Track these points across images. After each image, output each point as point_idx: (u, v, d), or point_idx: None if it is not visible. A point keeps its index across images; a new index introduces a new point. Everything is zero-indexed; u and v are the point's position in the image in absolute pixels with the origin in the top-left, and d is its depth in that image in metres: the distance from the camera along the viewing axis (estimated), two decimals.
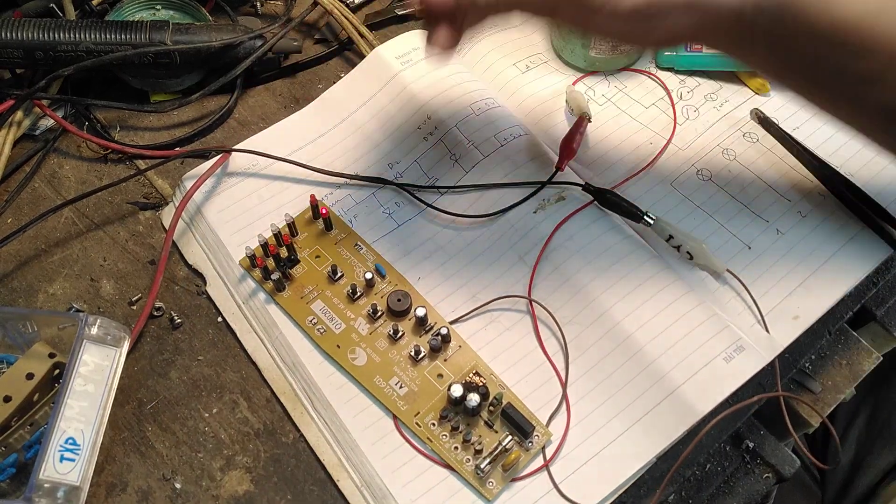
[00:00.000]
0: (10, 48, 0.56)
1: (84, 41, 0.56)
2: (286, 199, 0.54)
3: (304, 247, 0.52)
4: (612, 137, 0.58)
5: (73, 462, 0.42)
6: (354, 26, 0.62)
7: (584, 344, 0.48)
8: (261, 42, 0.60)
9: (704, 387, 0.46)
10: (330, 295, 0.50)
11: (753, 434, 0.51)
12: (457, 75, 0.58)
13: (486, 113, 0.56)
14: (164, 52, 0.57)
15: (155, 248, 0.54)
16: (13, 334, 0.47)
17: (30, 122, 0.59)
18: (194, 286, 0.52)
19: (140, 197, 0.57)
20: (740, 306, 0.50)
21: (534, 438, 0.45)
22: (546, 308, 0.49)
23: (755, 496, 0.50)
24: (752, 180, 0.56)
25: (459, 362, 0.48)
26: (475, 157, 0.54)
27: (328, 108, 0.59)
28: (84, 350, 0.45)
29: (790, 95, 0.47)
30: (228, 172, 0.56)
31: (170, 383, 0.49)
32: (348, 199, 0.55)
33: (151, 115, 0.60)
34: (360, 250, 0.52)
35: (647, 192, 0.55)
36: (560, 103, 0.60)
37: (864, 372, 0.54)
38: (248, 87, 0.62)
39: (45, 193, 0.57)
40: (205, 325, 0.51)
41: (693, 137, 0.58)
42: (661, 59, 0.61)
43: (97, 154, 0.59)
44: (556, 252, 0.51)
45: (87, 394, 0.44)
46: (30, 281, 0.52)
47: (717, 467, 0.50)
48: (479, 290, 0.51)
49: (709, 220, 0.54)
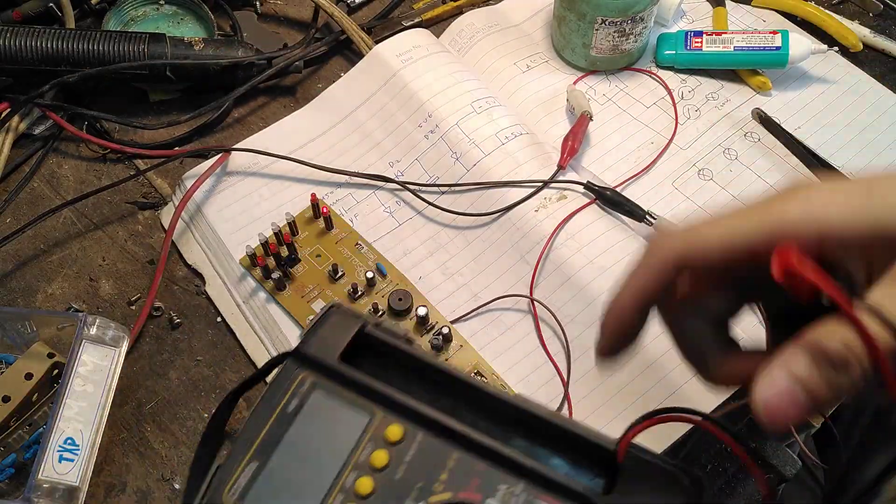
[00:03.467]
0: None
1: (87, 53, 0.56)
2: (287, 197, 0.54)
3: (304, 246, 0.52)
4: (613, 137, 0.58)
5: (72, 462, 0.42)
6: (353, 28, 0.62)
7: (585, 343, 0.48)
8: (264, 62, 0.60)
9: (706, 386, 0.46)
10: (331, 294, 0.50)
11: (755, 434, 0.51)
12: (457, 73, 0.58)
13: (487, 111, 0.56)
14: (174, 66, 0.58)
15: (154, 247, 0.54)
16: (12, 334, 0.47)
17: (28, 122, 0.58)
18: (193, 286, 0.52)
19: (139, 197, 0.56)
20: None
21: None
22: (548, 307, 0.49)
23: (757, 497, 0.50)
24: (754, 180, 0.56)
25: (461, 362, 0.48)
26: (476, 155, 0.54)
27: (328, 106, 0.59)
28: (83, 350, 0.45)
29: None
30: (228, 172, 0.55)
31: (169, 384, 0.48)
32: (349, 197, 0.55)
33: (150, 115, 0.60)
34: (360, 249, 0.52)
35: (649, 191, 0.55)
36: (561, 103, 0.59)
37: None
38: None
39: (45, 193, 0.56)
40: (204, 325, 0.51)
41: (694, 137, 0.58)
42: (661, 57, 0.61)
43: (96, 154, 0.58)
44: (558, 251, 0.51)
45: (86, 394, 0.44)
46: (29, 281, 0.52)
47: (718, 468, 0.50)
48: (481, 289, 0.51)
49: None
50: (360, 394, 0.34)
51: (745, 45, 0.59)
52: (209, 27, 0.64)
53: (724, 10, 0.64)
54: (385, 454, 0.33)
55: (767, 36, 0.59)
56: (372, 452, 0.33)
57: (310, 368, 0.35)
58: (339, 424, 0.34)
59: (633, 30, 0.58)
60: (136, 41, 0.57)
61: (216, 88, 0.60)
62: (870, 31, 0.64)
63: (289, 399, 0.34)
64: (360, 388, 0.34)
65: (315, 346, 0.35)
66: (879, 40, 0.63)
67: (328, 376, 0.35)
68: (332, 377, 0.35)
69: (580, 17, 0.57)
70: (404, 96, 0.57)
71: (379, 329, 0.36)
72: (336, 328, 0.36)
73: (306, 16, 0.66)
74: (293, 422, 0.34)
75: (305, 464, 0.33)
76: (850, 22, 0.64)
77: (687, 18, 0.65)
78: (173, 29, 0.65)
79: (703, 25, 0.64)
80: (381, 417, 0.34)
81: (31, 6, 0.62)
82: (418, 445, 0.33)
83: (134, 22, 0.65)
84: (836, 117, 0.59)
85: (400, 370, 0.35)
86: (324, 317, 0.36)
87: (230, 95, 0.59)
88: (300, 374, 0.35)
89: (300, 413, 0.34)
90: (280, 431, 0.34)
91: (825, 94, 0.60)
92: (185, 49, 0.58)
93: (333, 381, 0.35)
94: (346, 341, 0.35)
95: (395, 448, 0.33)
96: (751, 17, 0.65)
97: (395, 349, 0.36)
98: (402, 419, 0.33)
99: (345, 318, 0.36)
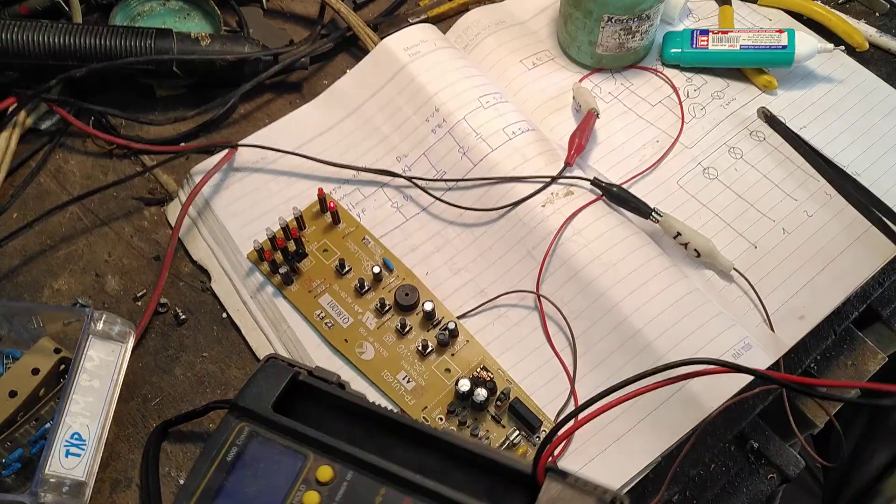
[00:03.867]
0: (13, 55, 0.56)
1: (93, 48, 0.56)
2: (294, 192, 0.54)
3: (311, 240, 0.52)
4: (618, 135, 0.58)
5: (79, 457, 0.42)
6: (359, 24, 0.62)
7: (592, 339, 0.48)
8: (270, 58, 0.60)
9: (712, 384, 0.46)
10: (338, 289, 0.50)
11: (758, 434, 0.51)
12: (465, 68, 0.58)
13: (495, 106, 0.56)
14: (180, 61, 0.58)
15: (160, 243, 0.54)
16: (19, 329, 0.47)
17: (35, 117, 0.58)
18: (199, 282, 0.52)
19: (145, 192, 0.56)
20: (746, 305, 0.50)
21: (541, 433, 0.45)
22: (554, 303, 0.49)
23: (759, 496, 0.50)
24: (759, 179, 0.56)
25: (467, 357, 0.48)
26: (483, 149, 0.54)
27: (336, 101, 0.59)
28: (89, 345, 0.45)
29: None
30: (235, 167, 0.55)
31: (174, 379, 0.48)
32: (356, 192, 0.55)
33: (156, 110, 0.60)
34: (367, 244, 0.52)
35: (654, 189, 0.55)
36: (566, 100, 0.59)
37: (870, 372, 0.54)
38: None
39: (51, 189, 0.56)
40: (209, 321, 0.51)
41: (700, 135, 0.58)
42: (667, 55, 0.61)
43: (103, 149, 0.58)
44: (565, 247, 0.51)
45: (92, 389, 0.44)
46: (35, 276, 0.52)
47: (721, 467, 0.50)
48: (487, 284, 0.51)
49: (715, 218, 0.54)
50: (294, 439, 0.37)
51: (751, 43, 0.59)
52: (216, 23, 0.64)
53: (730, 8, 0.64)
54: (316, 495, 0.35)
55: (773, 35, 0.59)
56: (305, 493, 0.35)
57: (247, 419, 0.37)
58: (275, 470, 0.36)
59: (640, 28, 0.58)
60: (143, 36, 0.57)
61: (222, 84, 0.60)
62: (876, 30, 0.64)
63: (228, 448, 0.37)
64: (293, 433, 0.37)
65: (250, 399, 0.38)
66: (886, 39, 0.64)
67: (264, 425, 0.37)
68: (268, 425, 0.37)
69: (586, 15, 0.57)
70: (412, 90, 0.57)
71: (311, 377, 0.39)
72: (270, 379, 0.38)
73: (312, 12, 0.66)
74: (233, 469, 0.36)
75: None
76: (856, 21, 0.65)
77: (693, 17, 0.65)
78: (180, 24, 0.65)
79: (709, 24, 0.64)
80: (313, 460, 0.36)
81: (38, 1, 0.62)
82: (348, 484, 0.35)
83: (140, 17, 0.65)
84: (842, 116, 0.59)
85: (338, 411, 0.38)
86: (260, 370, 0.39)
87: (236, 91, 0.59)
88: (238, 425, 0.38)
89: (239, 461, 0.36)
90: (221, 479, 0.36)
91: (831, 94, 0.60)
92: (192, 45, 0.58)
93: (269, 429, 0.37)
94: (278, 391, 0.38)
95: (327, 487, 0.35)
96: (757, 16, 0.65)
97: (328, 394, 0.38)
98: (332, 460, 0.36)
99: (279, 369, 0.39)
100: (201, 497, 0.36)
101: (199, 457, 0.37)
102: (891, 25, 0.66)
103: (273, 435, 0.37)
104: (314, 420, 0.37)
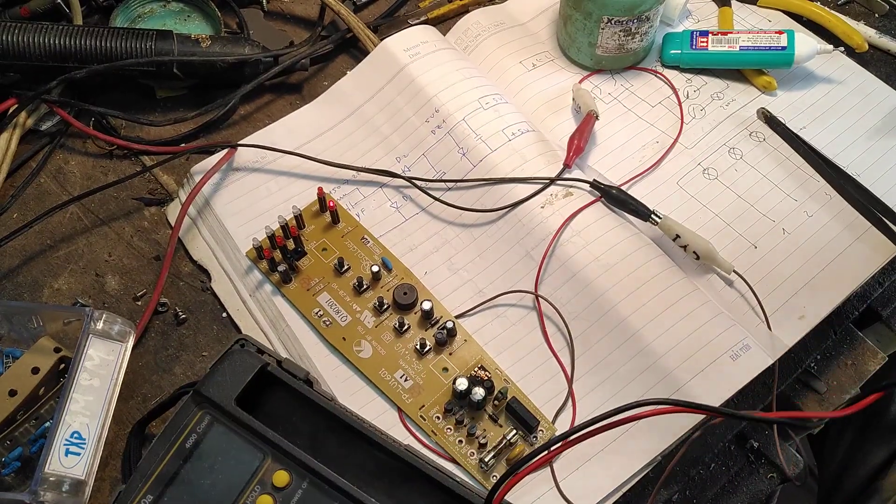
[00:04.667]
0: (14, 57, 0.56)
1: (94, 49, 0.57)
2: (293, 192, 0.54)
3: (310, 239, 0.52)
4: (618, 136, 0.58)
5: (79, 456, 0.42)
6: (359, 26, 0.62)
7: (590, 340, 0.48)
8: (270, 59, 0.60)
9: (711, 384, 0.46)
10: (336, 287, 0.50)
11: (758, 434, 0.51)
12: (465, 70, 0.58)
13: (494, 107, 0.56)
14: (181, 63, 0.58)
15: (160, 243, 0.54)
16: (19, 329, 0.47)
17: (36, 118, 0.59)
18: (199, 282, 0.52)
19: (145, 193, 0.57)
20: (745, 306, 0.50)
21: (539, 433, 0.45)
22: (552, 304, 0.49)
23: (759, 496, 0.50)
24: (759, 179, 0.56)
25: (465, 356, 0.48)
26: (483, 150, 0.54)
27: (336, 101, 0.59)
28: (89, 345, 0.45)
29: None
30: (235, 167, 0.56)
31: (174, 378, 0.49)
32: (356, 192, 0.55)
33: (157, 111, 0.60)
34: (366, 243, 0.52)
35: (654, 190, 0.55)
36: (566, 101, 0.60)
37: (870, 372, 0.54)
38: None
39: (51, 189, 0.57)
40: (209, 320, 0.51)
41: (699, 136, 0.58)
42: (667, 56, 0.61)
43: (103, 150, 0.59)
44: (564, 248, 0.51)
45: (92, 388, 0.44)
46: (35, 276, 0.52)
47: (721, 467, 0.50)
48: (486, 284, 0.51)
49: (715, 218, 0.54)
50: (254, 436, 0.36)
51: (751, 44, 0.59)
52: (216, 24, 0.64)
53: (729, 9, 0.64)
54: (270, 500, 0.35)
55: (773, 36, 0.59)
56: (259, 496, 0.35)
57: (209, 406, 0.37)
58: (231, 465, 0.36)
59: (639, 29, 0.58)
60: (144, 38, 0.57)
61: (223, 85, 0.60)
62: (875, 31, 0.64)
63: (188, 435, 0.36)
64: (254, 432, 0.36)
65: (214, 388, 0.37)
66: (885, 41, 0.64)
67: (225, 416, 0.37)
68: (229, 418, 0.37)
69: (586, 16, 0.57)
70: (412, 91, 0.57)
71: (280, 368, 0.38)
72: (237, 368, 0.37)
73: (313, 14, 0.66)
74: (190, 457, 0.36)
75: (196, 501, 0.35)
76: (855, 22, 0.65)
77: (692, 18, 0.65)
78: (180, 26, 0.65)
79: (708, 25, 0.64)
80: (270, 462, 0.36)
81: (39, 3, 0.62)
82: (302, 493, 0.35)
83: (141, 19, 0.65)
84: (842, 117, 0.59)
85: (304, 406, 0.38)
86: (227, 355, 0.37)
87: (237, 92, 0.59)
88: (199, 412, 0.37)
89: (197, 449, 0.36)
90: (177, 466, 0.36)
91: (830, 94, 0.60)
92: (192, 46, 0.58)
93: (230, 420, 0.37)
94: (244, 382, 0.37)
95: (281, 494, 0.35)
96: (756, 17, 0.65)
97: (294, 390, 0.38)
98: (289, 466, 0.36)
99: (247, 357, 0.38)
100: (156, 481, 0.35)
101: (158, 439, 0.36)
102: (890, 26, 0.66)
103: (235, 427, 0.36)
104: (280, 410, 0.36)
